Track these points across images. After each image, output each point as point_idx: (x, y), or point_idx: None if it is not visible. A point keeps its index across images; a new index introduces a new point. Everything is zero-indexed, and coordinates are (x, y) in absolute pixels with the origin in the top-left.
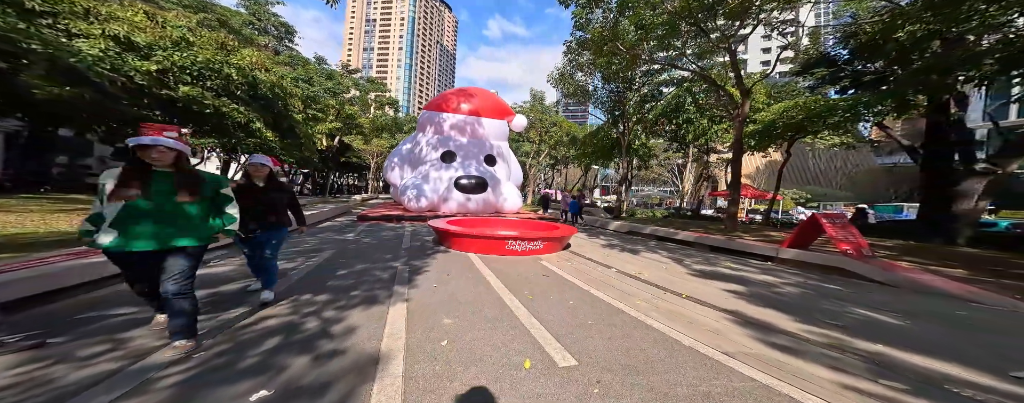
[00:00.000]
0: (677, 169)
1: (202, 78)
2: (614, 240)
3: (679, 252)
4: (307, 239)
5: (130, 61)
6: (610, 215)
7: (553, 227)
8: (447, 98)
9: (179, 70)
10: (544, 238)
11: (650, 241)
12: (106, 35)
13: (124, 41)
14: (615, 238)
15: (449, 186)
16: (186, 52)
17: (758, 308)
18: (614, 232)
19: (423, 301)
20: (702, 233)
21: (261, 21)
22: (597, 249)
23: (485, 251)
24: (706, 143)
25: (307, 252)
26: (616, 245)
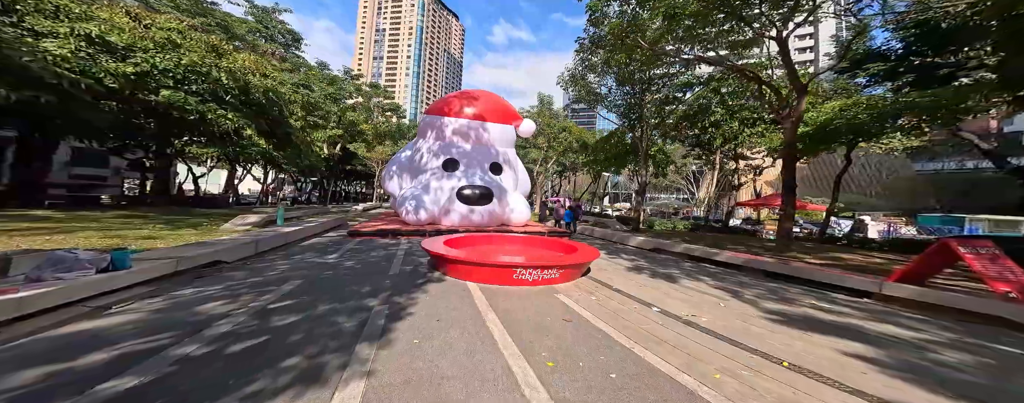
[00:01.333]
0: (693, 176)
1: (187, 82)
2: (640, 261)
3: (728, 279)
4: (278, 264)
5: (103, 63)
6: (626, 227)
7: (570, 248)
8: (449, 101)
9: (161, 73)
10: (561, 265)
11: (684, 262)
12: (76, 34)
13: (98, 41)
14: (640, 258)
15: (451, 197)
16: (169, 54)
17: (933, 397)
18: (637, 250)
19: (390, 378)
20: (749, 255)
21: (268, 29)
22: (623, 274)
23: (488, 280)
24: (734, 148)
25: (265, 285)
26: (645, 268)
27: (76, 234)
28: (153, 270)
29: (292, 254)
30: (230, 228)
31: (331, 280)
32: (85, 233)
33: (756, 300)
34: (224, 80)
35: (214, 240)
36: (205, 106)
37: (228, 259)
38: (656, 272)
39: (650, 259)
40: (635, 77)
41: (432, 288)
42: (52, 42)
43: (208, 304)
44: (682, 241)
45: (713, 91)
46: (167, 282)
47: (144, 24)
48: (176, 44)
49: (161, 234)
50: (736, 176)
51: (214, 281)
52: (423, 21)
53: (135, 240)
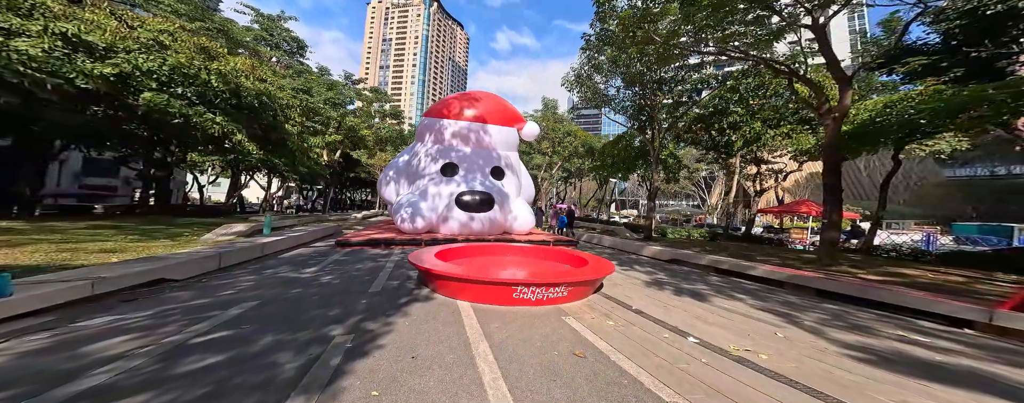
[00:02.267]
0: (704, 182)
1: (173, 84)
2: (659, 274)
3: (772, 299)
4: (241, 281)
5: (79, 63)
6: (637, 235)
7: (579, 260)
8: (449, 103)
9: (144, 74)
10: (569, 283)
11: (710, 276)
12: (51, 33)
13: (75, 40)
14: (658, 270)
15: (450, 203)
16: (153, 55)
17: None
18: (652, 261)
19: None
20: (791, 269)
21: (273, 36)
22: (642, 291)
23: (484, 299)
24: (754, 152)
25: (207, 309)
26: (667, 284)
27: (23, 248)
28: (53, 296)
29: (265, 268)
30: (212, 238)
31: (295, 301)
32: (35, 247)
33: (821, 328)
34: (214, 83)
35: (170, 254)
36: (191, 110)
37: (177, 277)
38: (681, 288)
39: (670, 272)
40: (644, 77)
41: (416, 310)
42: (24, 41)
43: (109, 340)
44: (704, 251)
45: (731, 90)
46: (79, 309)
47: (129, 24)
48: (163, 45)
49: (126, 246)
50: (758, 181)
51: (143, 306)
52: (428, 30)
53: (92, 254)
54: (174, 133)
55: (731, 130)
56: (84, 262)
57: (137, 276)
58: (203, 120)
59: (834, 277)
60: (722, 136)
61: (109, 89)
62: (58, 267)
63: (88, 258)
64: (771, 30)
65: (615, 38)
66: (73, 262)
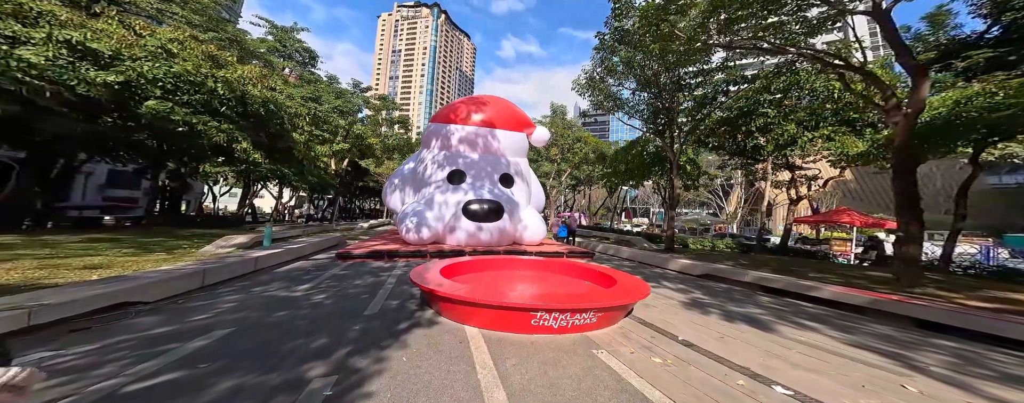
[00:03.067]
0: (722, 189)
1: (178, 92)
2: (695, 292)
3: (859, 330)
4: (222, 302)
5: (83, 71)
6: (656, 246)
7: (603, 277)
8: (456, 108)
9: (148, 82)
10: (600, 308)
11: (759, 295)
12: (55, 40)
13: (80, 48)
14: (693, 288)
15: (457, 212)
16: (158, 62)
17: None
18: (681, 276)
19: None
20: (869, 292)
21: (286, 47)
22: (683, 315)
23: (497, 326)
24: (785, 156)
25: (169, 339)
26: (710, 305)
27: (1, 265)
28: None
29: (254, 286)
30: (211, 251)
31: (275, 328)
32: (14, 264)
33: (961, 377)
34: (220, 90)
35: (143, 272)
36: (195, 118)
37: (147, 298)
38: (730, 312)
39: (707, 290)
40: (661, 79)
41: (416, 339)
42: (28, 50)
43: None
44: (739, 265)
45: (762, 89)
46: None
47: (137, 33)
48: (171, 53)
49: (115, 262)
50: (792, 188)
51: (91, 337)
52: (436, 41)
53: (73, 271)
54: (178, 142)
55: (760, 133)
56: (59, 280)
57: (93, 301)
58: (207, 128)
59: (933, 303)
60: (750, 140)
61: (112, 97)
62: (27, 287)
63: (67, 275)
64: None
65: (632, 36)
66: (46, 280)
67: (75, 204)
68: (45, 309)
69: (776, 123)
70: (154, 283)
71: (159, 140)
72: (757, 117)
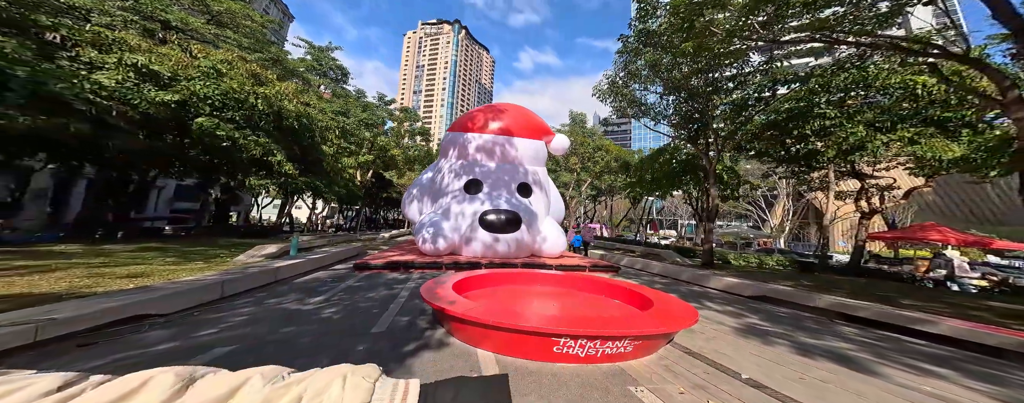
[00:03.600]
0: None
1: (224, 109)
2: (749, 316)
3: (1012, 381)
4: (234, 315)
5: (146, 91)
6: (689, 260)
7: (636, 296)
8: (474, 116)
9: (200, 100)
10: (637, 336)
11: (836, 323)
12: (124, 64)
13: (144, 71)
14: (746, 311)
15: (473, 223)
16: (208, 81)
17: None
18: (726, 296)
19: None
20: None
21: (322, 65)
22: (740, 344)
23: (514, 351)
24: (851, 163)
25: (174, 355)
26: (773, 335)
27: (55, 274)
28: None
29: (271, 297)
30: (243, 259)
31: (279, 346)
32: (66, 272)
33: None
34: (260, 106)
35: (164, 283)
36: (238, 132)
37: (163, 310)
38: (805, 345)
39: (766, 315)
40: (692, 81)
41: (422, 364)
42: (103, 74)
43: None
44: (807, 288)
45: (818, 88)
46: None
47: (193, 55)
48: (220, 73)
49: (155, 270)
50: (865, 199)
51: (94, 355)
52: (457, 56)
53: (116, 279)
54: (223, 156)
55: (817, 137)
56: (98, 289)
57: (107, 313)
58: (247, 141)
59: None
60: (803, 145)
61: (169, 115)
62: (70, 296)
63: (108, 284)
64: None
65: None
66: (88, 289)
67: (147, 216)
68: (52, 325)
69: (838, 125)
70: (172, 295)
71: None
72: (813, 119)
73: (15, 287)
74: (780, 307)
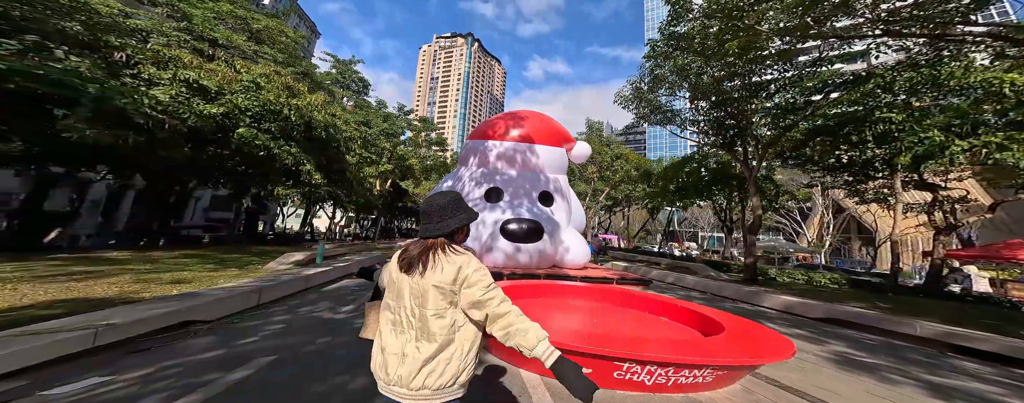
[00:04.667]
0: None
1: (262, 120)
2: (834, 344)
3: None
4: (270, 323)
5: (196, 105)
6: (725, 274)
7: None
8: (493, 124)
9: (240, 112)
10: (723, 366)
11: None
12: (177, 80)
13: (194, 86)
14: (824, 337)
15: (494, 232)
16: (249, 94)
17: None
18: (789, 317)
19: None
20: None
21: (345, 78)
22: (841, 379)
23: None
24: (920, 173)
25: (217, 365)
26: (884, 370)
27: (109, 279)
28: (44, 351)
29: (302, 305)
30: (273, 267)
31: (317, 357)
32: (118, 278)
33: None
34: (293, 117)
35: (207, 290)
36: (273, 143)
37: (207, 317)
38: (933, 385)
39: (852, 343)
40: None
41: None
42: (159, 90)
43: None
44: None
45: (879, 90)
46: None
47: (236, 70)
48: (259, 86)
49: (199, 276)
50: (940, 212)
51: (147, 361)
52: (470, 67)
53: (163, 285)
54: (258, 166)
55: (878, 144)
56: (146, 294)
57: (158, 320)
58: (281, 151)
59: None
60: (862, 152)
61: (214, 127)
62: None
63: (156, 290)
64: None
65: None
66: (136, 295)
67: (185, 224)
68: (110, 330)
69: (908, 130)
70: (215, 301)
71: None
72: (875, 124)
73: (72, 292)
74: (864, 333)
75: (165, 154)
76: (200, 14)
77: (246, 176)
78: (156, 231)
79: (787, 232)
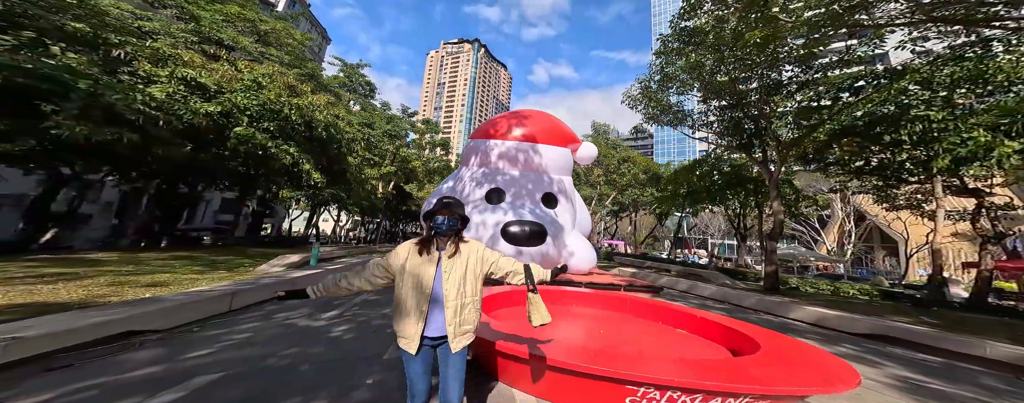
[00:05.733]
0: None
1: (261, 119)
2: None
3: None
4: (235, 333)
5: (192, 103)
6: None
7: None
8: (496, 122)
9: (239, 111)
10: (763, 395)
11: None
12: (175, 77)
13: (193, 83)
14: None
15: (495, 234)
16: (249, 93)
17: None
18: (821, 331)
19: None
20: None
21: (352, 81)
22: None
23: (565, 397)
24: (961, 177)
25: (145, 386)
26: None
27: (80, 281)
28: None
29: (281, 310)
30: (265, 269)
31: (272, 375)
32: (93, 281)
33: None
34: (293, 116)
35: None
36: (272, 142)
37: (160, 326)
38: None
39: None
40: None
41: None
42: (156, 87)
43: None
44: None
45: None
46: None
47: (237, 68)
48: (260, 85)
49: (179, 279)
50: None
51: (66, 378)
52: (476, 73)
53: (136, 289)
54: (258, 165)
55: (914, 145)
56: (114, 298)
57: (91, 330)
58: (279, 150)
59: None
60: (896, 154)
61: (209, 124)
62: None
63: (129, 293)
64: None
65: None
66: (103, 298)
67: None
68: (19, 344)
69: (950, 130)
70: (175, 308)
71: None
72: (912, 123)
73: (33, 296)
74: (917, 353)
75: (162, 152)
76: (208, 16)
77: (248, 177)
78: (158, 232)
79: (804, 240)
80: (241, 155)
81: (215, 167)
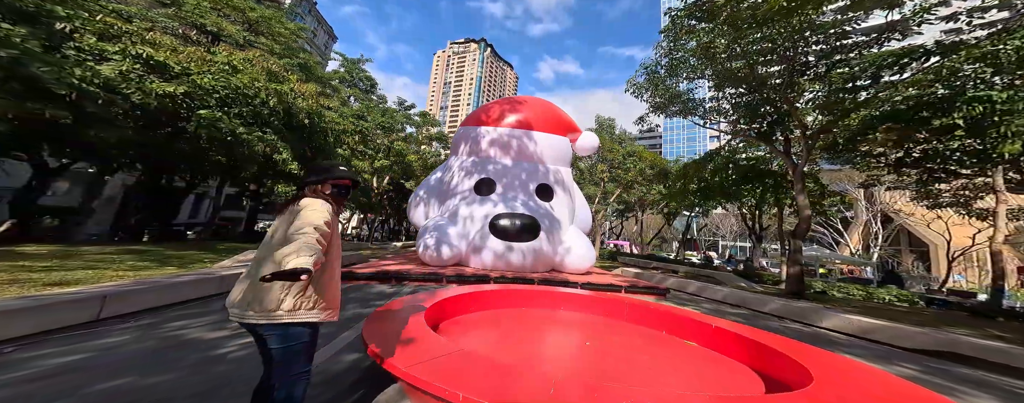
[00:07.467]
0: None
1: (231, 104)
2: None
3: None
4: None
5: (148, 83)
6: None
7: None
8: (489, 108)
9: (206, 93)
10: None
11: None
12: (128, 55)
13: (151, 62)
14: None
15: (483, 228)
16: (219, 75)
17: None
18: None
19: None
20: None
21: (352, 76)
22: None
23: None
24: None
25: None
26: None
27: None
28: None
29: (185, 316)
30: (228, 264)
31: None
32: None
33: None
34: (270, 102)
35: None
36: (244, 128)
37: (25, 331)
38: None
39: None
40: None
41: None
42: (108, 65)
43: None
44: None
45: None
46: None
47: (209, 50)
48: (235, 69)
49: (102, 275)
50: None
51: None
52: (482, 72)
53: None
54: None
55: (969, 133)
56: None
57: None
58: (250, 137)
59: None
60: (948, 142)
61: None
62: None
63: (16, 293)
64: None
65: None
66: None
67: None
68: None
69: (1021, 110)
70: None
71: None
72: (969, 105)
73: None
74: (1003, 376)
75: (97, 133)
76: (192, 1)
77: (229, 167)
78: (135, 226)
79: (825, 242)
80: (203, 140)
81: (197, 156)
